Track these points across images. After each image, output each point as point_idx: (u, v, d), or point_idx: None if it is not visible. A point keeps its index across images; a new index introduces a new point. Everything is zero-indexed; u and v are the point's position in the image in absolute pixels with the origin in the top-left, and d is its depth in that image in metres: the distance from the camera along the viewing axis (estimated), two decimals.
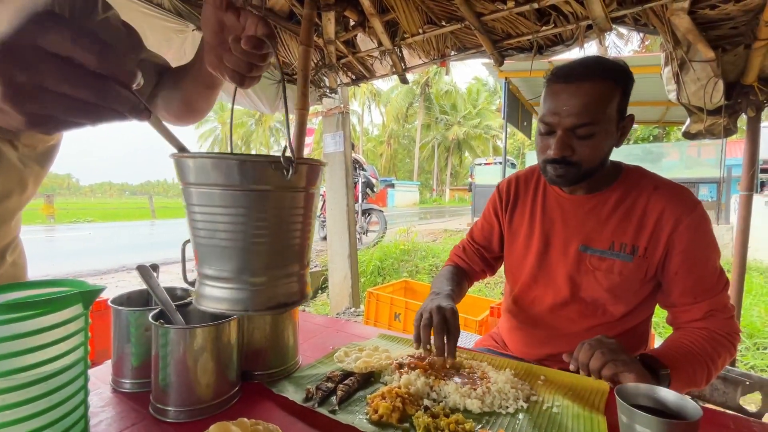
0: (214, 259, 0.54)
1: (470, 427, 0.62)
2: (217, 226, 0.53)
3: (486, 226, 1.16)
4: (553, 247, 0.99)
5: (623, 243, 0.91)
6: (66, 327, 0.53)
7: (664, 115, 6.79)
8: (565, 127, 0.86)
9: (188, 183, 0.54)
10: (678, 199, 0.89)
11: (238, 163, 0.51)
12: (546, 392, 0.74)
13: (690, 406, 0.48)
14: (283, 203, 0.54)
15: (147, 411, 0.66)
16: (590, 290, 0.94)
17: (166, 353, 0.64)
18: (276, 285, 0.55)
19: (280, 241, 0.55)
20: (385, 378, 0.79)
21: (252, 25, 0.53)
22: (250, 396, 0.72)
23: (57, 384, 0.52)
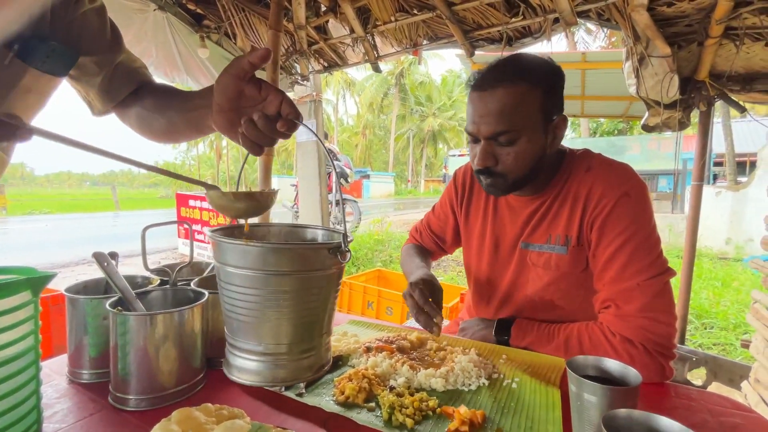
0: (244, 334, 0.57)
1: (434, 404, 0.64)
2: (250, 306, 0.55)
3: (442, 216, 1.15)
4: (502, 248, 0.98)
5: (557, 235, 0.88)
6: (14, 314, 0.51)
7: (628, 109, 7.08)
8: (485, 137, 0.83)
9: (226, 263, 0.55)
10: (604, 178, 0.83)
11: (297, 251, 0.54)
12: (507, 369, 0.77)
13: (631, 374, 0.52)
14: (323, 282, 0.57)
15: (106, 401, 0.64)
16: (534, 286, 0.92)
17: (125, 341, 0.63)
18: (302, 359, 0.59)
19: (315, 316, 0.58)
20: (353, 361, 0.80)
21: (275, 101, 0.54)
22: (215, 383, 0.72)
23: (6, 373, 0.50)
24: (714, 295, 3.73)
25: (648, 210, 0.81)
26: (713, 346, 2.87)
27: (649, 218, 0.80)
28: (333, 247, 0.56)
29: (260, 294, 0.54)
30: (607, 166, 0.86)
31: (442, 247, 1.18)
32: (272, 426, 0.59)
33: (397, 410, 0.62)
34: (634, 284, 0.76)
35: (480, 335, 0.94)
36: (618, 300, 0.78)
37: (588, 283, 0.87)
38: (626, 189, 0.81)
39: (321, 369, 0.61)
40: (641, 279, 0.76)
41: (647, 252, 0.78)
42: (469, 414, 0.60)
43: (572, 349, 0.80)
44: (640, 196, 0.81)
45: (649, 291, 0.75)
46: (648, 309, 0.75)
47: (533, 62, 0.83)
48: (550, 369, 0.77)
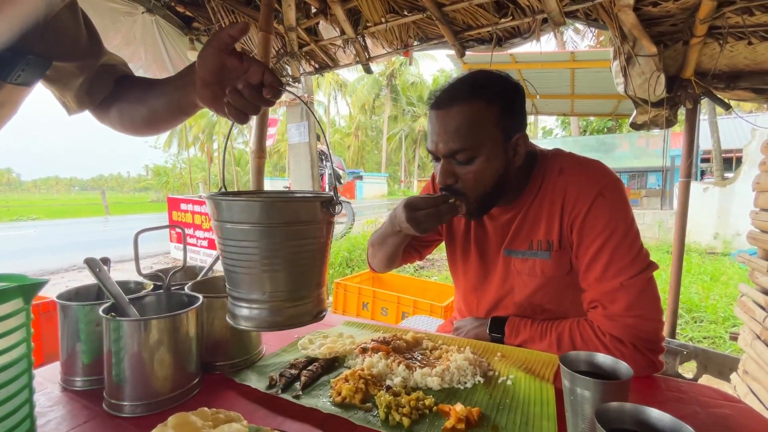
0: (245, 285, 0.59)
1: (430, 402, 0.65)
2: (250, 258, 0.58)
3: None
4: (487, 255, 0.97)
5: (539, 240, 0.87)
6: (6, 322, 0.50)
7: (616, 107, 7.18)
8: (443, 155, 0.82)
9: (225, 221, 0.58)
10: (577, 180, 0.83)
11: (288, 204, 0.58)
12: (502, 367, 0.78)
13: (623, 368, 0.53)
14: (317, 233, 0.61)
15: (100, 407, 0.64)
16: (522, 293, 0.91)
17: (119, 347, 0.62)
18: (299, 305, 0.61)
19: (310, 266, 0.61)
20: (349, 362, 0.80)
21: (258, 71, 0.56)
22: (211, 387, 0.71)
23: (0, 381, 0.50)
24: (703, 290, 3.79)
25: (623, 207, 0.81)
26: (703, 340, 2.92)
27: (625, 215, 0.80)
28: (325, 200, 0.59)
29: (258, 246, 0.56)
30: (579, 166, 0.86)
31: (417, 248, 1.13)
32: (269, 429, 0.59)
33: (393, 410, 0.62)
34: (617, 284, 0.76)
35: (474, 334, 0.95)
36: (604, 300, 0.78)
37: (575, 284, 0.87)
38: (599, 189, 0.80)
39: (318, 315, 0.63)
40: (624, 278, 0.76)
41: (627, 250, 0.77)
42: (465, 412, 0.61)
43: (564, 347, 0.81)
44: (614, 194, 0.80)
45: (633, 290, 0.76)
46: (634, 307, 0.75)
47: (490, 79, 0.82)
48: (544, 365, 0.78)
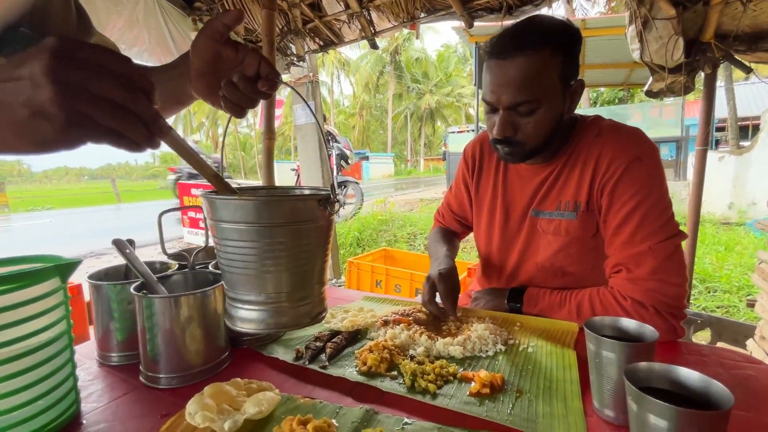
0: (243, 286, 0.58)
1: (453, 369, 0.67)
2: (247, 258, 0.56)
3: (459, 194, 1.16)
4: (513, 217, 0.99)
5: (567, 201, 0.89)
6: (45, 301, 0.52)
7: (629, 77, 6.96)
8: (505, 107, 0.81)
9: (221, 220, 0.56)
10: (614, 143, 0.83)
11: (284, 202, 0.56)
12: (522, 336, 0.79)
13: (648, 331, 0.53)
14: (315, 232, 0.59)
15: (137, 380, 0.67)
16: (545, 254, 0.93)
17: (152, 324, 0.65)
18: (300, 306, 0.60)
19: (309, 266, 0.60)
20: (372, 335, 0.82)
21: (253, 62, 0.54)
22: (241, 360, 0.74)
23: (43, 357, 0.52)
24: (717, 260, 3.76)
25: (659, 173, 0.81)
26: (717, 309, 2.92)
27: (661, 181, 0.80)
28: (321, 198, 0.57)
29: (255, 246, 0.55)
30: (618, 130, 0.85)
31: (465, 224, 1.19)
32: (300, 396, 0.62)
33: (419, 377, 0.64)
34: (645, 248, 0.76)
35: (492, 305, 0.96)
36: (629, 264, 0.78)
37: (598, 248, 0.88)
38: (637, 153, 0.80)
39: (318, 316, 0.62)
40: (653, 242, 0.76)
41: (659, 215, 0.78)
42: (489, 377, 0.62)
43: (584, 314, 0.82)
44: (651, 159, 0.80)
45: (660, 254, 0.76)
46: (659, 271, 0.75)
47: (554, 25, 0.80)
48: (564, 333, 0.79)
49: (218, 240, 0.58)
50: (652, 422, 0.38)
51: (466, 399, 0.60)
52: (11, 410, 0.49)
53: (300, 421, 0.52)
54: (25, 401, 0.50)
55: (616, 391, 0.51)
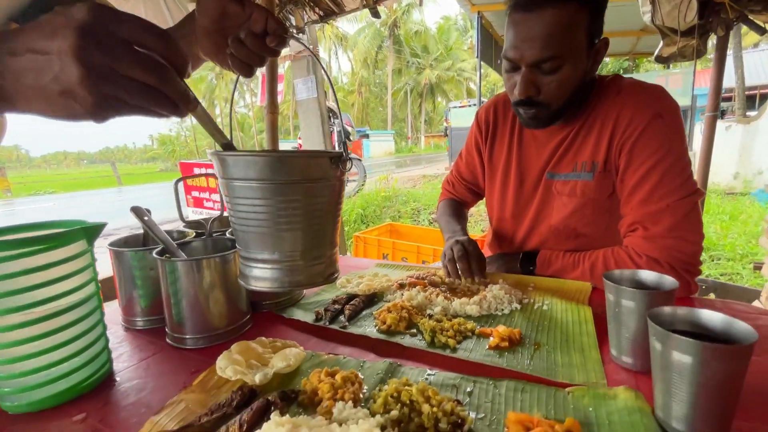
0: (257, 245, 0.58)
1: (471, 326, 0.68)
2: (260, 216, 0.56)
3: (470, 160, 1.15)
4: (528, 181, 0.98)
5: (584, 161, 0.87)
6: (74, 262, 0.53)
7: (635, 45, 6.76)
8: (528, 63, 0.78)
9: (234, 178, 0.56)
10: (635, 100, 0.81)
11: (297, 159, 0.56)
12: (536, 295, 0.81)
13: (667, 281, 0.54)
14: (328, 191, 0.59)
15: (164, 342, 0.69)
16: (558, 216, 0.93)
17: (176, 288, 0.66)
18: (314, 265, 0.60)
19: (322, 225, 0.60)
20: (388, 297, 0.83)
21: (260, 18, 0.53)
22: (262, 323, 0.76)
23: (75, 317, 0.54)
24: (722, 229, 3.77)
25: (680, 131, 0.79)
26: (720, 277, 2.95)
27: (681, 139, 0.79)
28: (334, 156, 0.58)
29: (268, 204, 0.55)
30: (639, 87, 0.83)
31: (476, 192, 1.18)
32: (324, 353, 0.64)
33: (438, 333, 0.65)
34: (663, 205, 0.76)
35: (505, 269, 0.97)
36: (646, 222, 0.78)
37: (612, 209, 0.87)
38: (658, 109, 0.79)
39: (331, 276, 0.62)
40: (671, 200, 0.76)
41: (678, 173, 0.77)
42: (507, 332, 0.64)
43: (598, 274, 0.83)
44: (672, 117, 0.79)
45: (678, 211, 0.75)
46: (677, 229, 0.75)
47: None
48: (578, 293, 0.80)
49: (230, 199, 0.58)
50: (675, 359, 0.39)
51: (486, 352, 0.61)
52: (50, 366, 0.51)
53: (328, 373, 0.54)
54: (62, 358, 0.52)
55: (635, 338, 0.53)
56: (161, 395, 0.54)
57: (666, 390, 0.41)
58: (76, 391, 0.54)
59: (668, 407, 0.41)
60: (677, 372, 0.39)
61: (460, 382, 0.54)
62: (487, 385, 0.53)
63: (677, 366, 0.39)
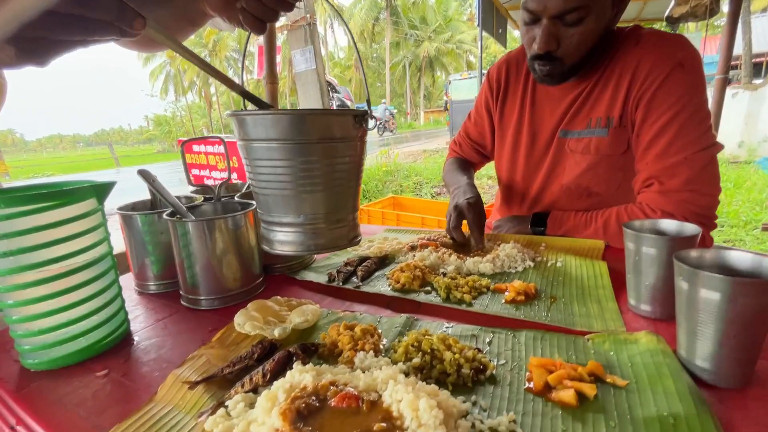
0: (279, 208, 0.57)
1: (486, 283, 0.68)
2: (282, 178, 0.55)
3: (479, 121, 1.12)
4: (539, 140, 0.96)
5: (598, 117, 0.85)
6: (86, 220, 0.53)
7: (641, 11, 6.55)
8: (552, 14, 0.75)
9: (254, 139, 0.54)
10: (655, 50, 0.78)
11: (321, 117, 0.54)
12: (549, 254, 0.80)
13: (689, 227, 0.53)
14: (351, 151, 0.58)
15: (178, 304, 0.69)
16: (571, 174, 0.91)
17: (189, 251, 0.65)
18: (336, 228, 0.59)
19: (344, 187, 0.59)
20: (400, 259, 0.83)
21: None
22: (275, 285, 0.76)
23: (90, 276, 0.53)
24: (726, 196, 3.75)
25: (702, 82, 0.76)
26: (724, 243, 2.96)
27: (702, 90, 0.76)
28: (359, 115, 0.56)
29: (290, 165, 0.54)
30: (660, 37, 0.80)
31: (483, 153, 1.16)
32: (339, 310, 0.64)
33: (453, 289, 0.65)
34: (681, 158, 0.74)
35: (515, 231, 0.96)
36: (662, 176, 0.76)
37: (626, 167, 0.86)
38: (680, 59, 0.76)
39: (354, 239, 0.62)
40: (689, 152, 0.74)
41: (697, 125, 0.74)
42: (522, 286, 0.64)
43: (611, 231, 0.82)
44: (694, 66, 0.76)
45: (696, 164, 0.74)
46: (693, 182, 0.74)
47: None
48: (590, 250, 0.80)
49: (250, 161, 0.57)
50: (703, 297, 0.39)
51: (502, 306, 0.61)
52: (68, 324, 0.51)
53: (346, 326, 0.54)
54: (80, 316, 0.52)
55: (654, 285, 0.52)
56: (181, 351, 0.54)
57: (691, 330, 0.41)
58: (96, 349, 0.54)
59: (693, 347, 0.41)
60: (704, 310, 0.39)
61: (478, 333, 0.54)
62: (506, 335, 0.53)
63: (704, 304, 0.39)
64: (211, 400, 0.44)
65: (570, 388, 0.40)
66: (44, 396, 0.47)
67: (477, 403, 0.41)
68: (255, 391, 0.44)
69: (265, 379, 0.45)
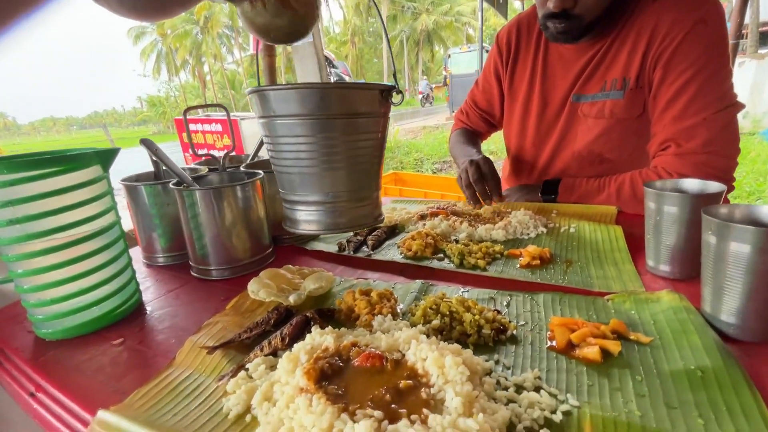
0: (301, 187, 0.56)
1: (500, 249, 0.67)
2: (304, 155, 0.54)
3: (487, 88, 1.09)
4: (551, 105, 0.94)
5: (614, 79, 0.81)
6: (91, 188, 0.51)
7: None
8: None
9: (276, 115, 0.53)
10: (675, 5, 0.74)
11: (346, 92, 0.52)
12: (561, 220, 0.79)
13: (713, 185, 0.52)
14: (375, 127, 0.56)
15: (188, 275, 0.68)
16: (583, 140, 0.89)
17: (198, 222, 0.64)
18: (359, 206, 0.58)
19: (368, 165, 0.58)
20: (409, 228, 0.82)
21: None
22: (285, 255, 0.75)
23: (98, 245, 0.52)
24: None
25: (724, 38, 0.73)
26: None
27: (724, 47, 0.72)
28: (385, 89, 0.55)
29: (313, 142, 0.53)
30: None
31: (491, 122, 1.13)
32: (353, 278, 0.63)
33: (467, 255, 0.65)
34: (700, 119, 0.71)
35: (525, 199, 0.95)
36: (680, 138, 0.73)
37: (641, 131, 0.83)
38: (701, 15, 0.72)
39: (378, 218, 0.61)
40: (709, 113, 0.71)
41: (719, 84, 0.71)
42: (537, 251, 0.63)
43: (624, 196, 0.80)
44: (716, 22, 0.72)
45: (715, 125, 0.71)
46: (712, 143, 0.71)
47: None
48: (603, 216, 0.79)
49: (272, 139, 0.55)
50: (732, 251, 0.38)
51: (518, 271, 0.61)
52: (80, 293, 0.51)
53: (362, 292, 0.53)
54: (91, 285, 0.51)
55: (675, 245, 0.51)
56: (195, 320, 0.54)
57: (717, 285, 0.40)
58: (109, 319, 0.53)
59: (718, 303, 0.41)
60: (733, 264, 0.38)
61: (496, 296, 0.53)
62: (524, 298, 0.52)
63: (734, 258, 0.38)
64: (231, 364, 0.43)
65: (594, 345, 0.40)
66: (62, 364, 0.46)
67: (499, 362, 0.41)
68: (274, 354, 0.44)
69: (284, 342, 0.44)
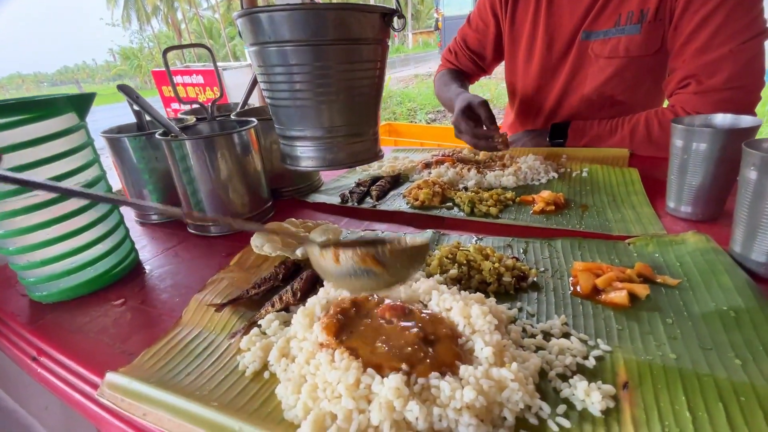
0: (296, 121, 0.54)
1: (511, 195, 0.65)
2: (298, 86, 0.51)
3: (481, 27, 0.99)
4: (557, 45, 0.86)
5: (630, 11, 0.75)
6: (68, 138, 0.46)
7: None
8: None
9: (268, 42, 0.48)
10: None
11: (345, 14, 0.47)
12: (572, 164, 0.76)
13: (746, 119, 0.49)
14: (372, 56, 0.52)
15: (185, 232, 0.65)
16: (593, 83, 0.83)
17: (191, 177, 0.59)
18: (356, 142, 0.56)
19: (365, 97, 0.54)
20: (414, 177, 0.78)
21: None
22: (286, 208, 0.72)
23: (85, 201, 0.48)
24: None
25: None
26: None
27: None
28: (387, 12, 0.51)
29: (306, 71, 0.50)
30: None
31: (480, 65, 1.06)
32: (359, 230, 0.61)
33: (477, 203, 0.62)
34: (726, 51, 0.66)
35: (532, 144, 0.91)
36: (701, 74, 0.68)
37: (657, 69, 0.78)
38: None
39: (378, 153, 0.60)
40: (736, 43, 0.65)
41: (747, 10, 0.64)
42: (551, 196, 0.60)
43: (639, 138, 0.77)
44: None
45: (741, 57, 0.65)
46: (735, 78, 0.66)
47: None
48: (615, 159, 0.76)
49: (265, 69, 0.51)
50: None
51: (532, 217, 0.58)
52: (72, 254, 0.47)
53: None
54: (84, 244, 0.48)
55: (701, 185, 0.49)
56: (198, 277, 0.51)
57: (753, 224, 0.38)
58: (106, 279, 0.51)
59: (751, 242, 0.39)
60: None
61: (512, 243, 0.51)
62: (541, 244, 0.50)
63: None
64: (241, 321, 0.41)
65: (621, 290, 0.38)
66: (62, 326, 0.44)
67: (523, 309, 0.39)
68: (287, 310, 0.42)
69: (296, 297, 0.42)
